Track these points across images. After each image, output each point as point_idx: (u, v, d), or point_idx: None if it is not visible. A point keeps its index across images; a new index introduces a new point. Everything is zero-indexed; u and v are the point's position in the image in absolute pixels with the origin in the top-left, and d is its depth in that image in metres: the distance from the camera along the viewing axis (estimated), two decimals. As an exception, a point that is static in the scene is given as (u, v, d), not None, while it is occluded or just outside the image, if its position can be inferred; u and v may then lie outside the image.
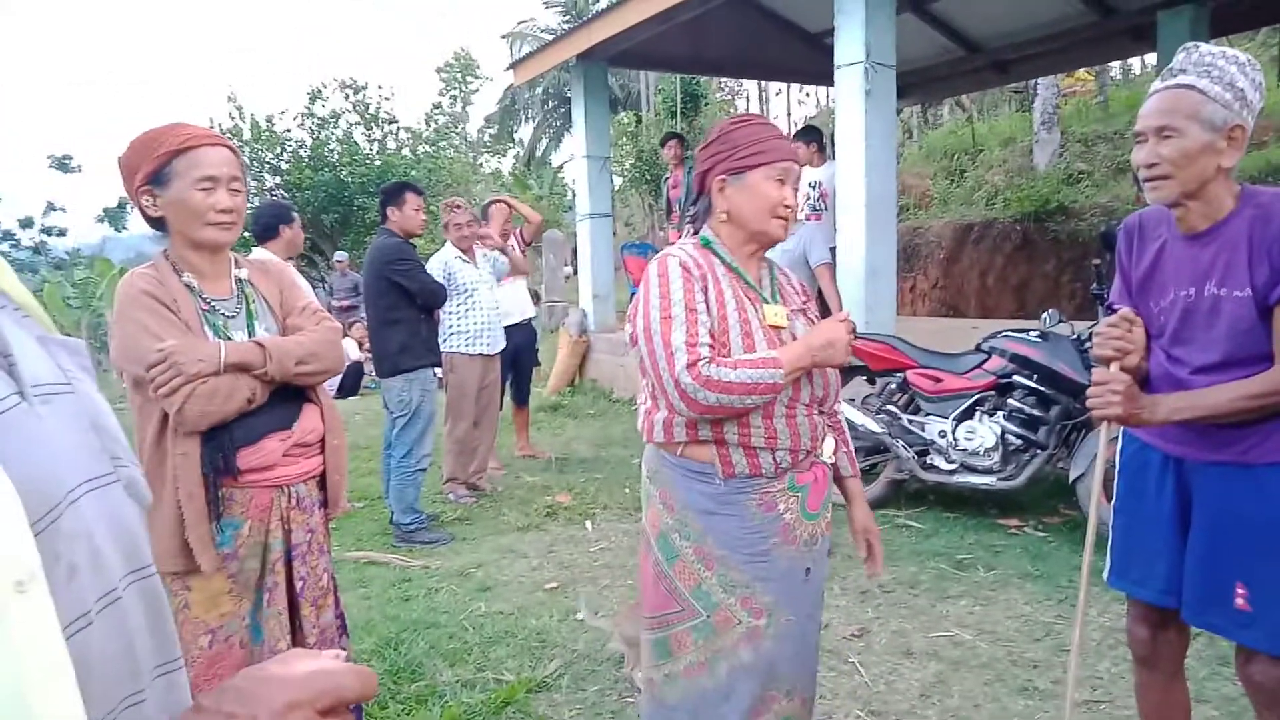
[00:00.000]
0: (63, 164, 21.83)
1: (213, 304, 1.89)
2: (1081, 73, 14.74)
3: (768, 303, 1.83)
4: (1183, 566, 1.89)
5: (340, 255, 13.45)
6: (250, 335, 1.90)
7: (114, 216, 21.73)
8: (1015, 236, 10.52)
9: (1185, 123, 1.72)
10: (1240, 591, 1.79)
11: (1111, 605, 3.20)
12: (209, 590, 1.82)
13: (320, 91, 16.19)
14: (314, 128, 16.01)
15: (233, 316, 1.92)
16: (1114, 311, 1.96)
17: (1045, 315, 4.39)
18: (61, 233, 22.07)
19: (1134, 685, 2.15)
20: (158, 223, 1.88)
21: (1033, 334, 4.38)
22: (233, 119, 15.54)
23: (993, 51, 8.96)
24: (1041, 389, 4.24)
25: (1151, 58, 9.92)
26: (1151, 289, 1.92)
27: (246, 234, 4.56)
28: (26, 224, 21.99)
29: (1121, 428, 2.00)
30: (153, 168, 1.80)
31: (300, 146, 15.84)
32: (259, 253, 4.15)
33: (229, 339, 1.85)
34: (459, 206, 5.37)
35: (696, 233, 1.91)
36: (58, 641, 0.51)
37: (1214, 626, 1.89)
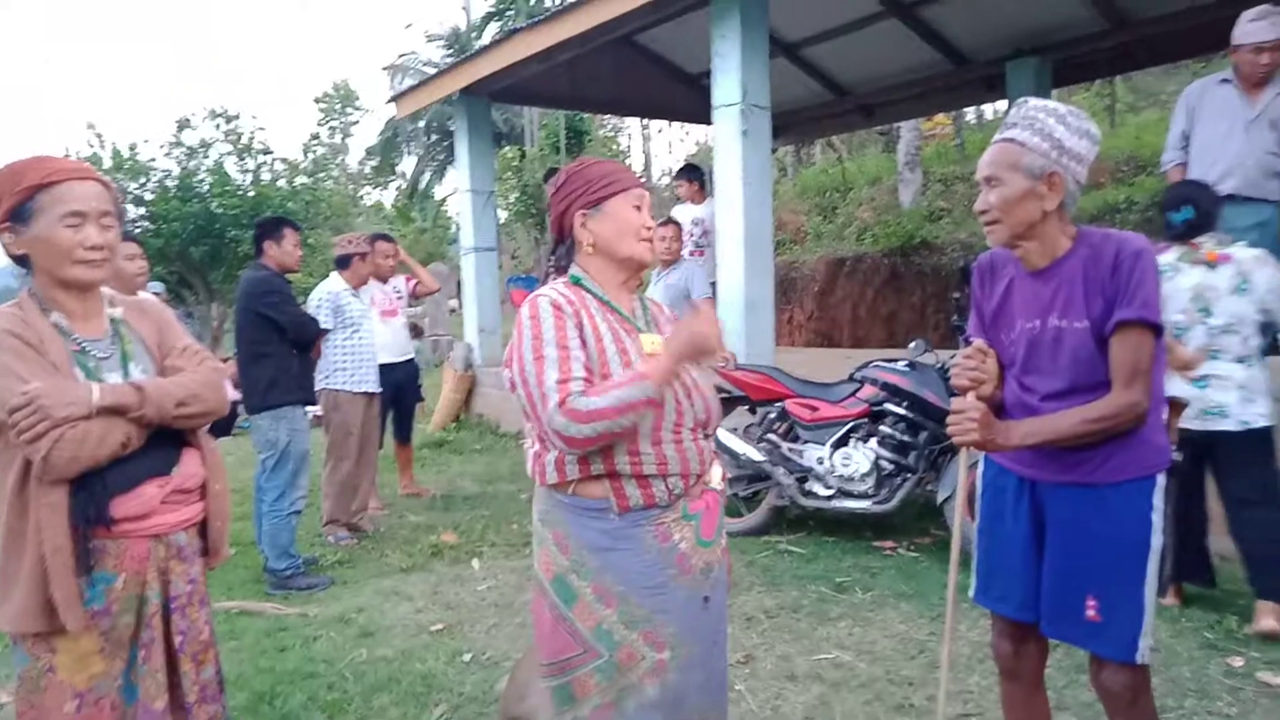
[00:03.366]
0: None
1: (84, 345, 1.79)
2: (940, 117, 15.70)
3: (643, 332, 1.86)
4: (1039, 582, 2.02)
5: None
6: (126, 377, 1.81)
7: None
8: (884, 270, 11.05)
9: (1007, 173, 1.91)
10: (1091, 603, 1.92)
11: (980, 621, 3.37)
12: (77, 651, 1.69)
13: (188, 120, 15.54)
14: (181, 157, 15.32)
15: (106, 358, 1.81)
16: (970, 343, 2.09)
17: (912, 345, 4.64)
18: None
19: (1000, 697, 2.28)
20: (20, 260, 1.78)
21: (901, 363, 4.61)
22: (91, 146, 14.71)
23: (859, 96, 9.46)
24: (911, 415, 4.46)
25: (1003, 104, 10.67)
26: (1002, 322, 2.08)
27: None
28: None
29: (981, 453, 2.13)
30: (13, 204, 1.71)
31: (166, 176, 15.11)
32: None
33: (102, 381, 1.75)
34: (364, 240, 5.38)
35: (561, 275, 1.92)
36: None
37: (1069, 637, 2.02)
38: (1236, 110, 4.25)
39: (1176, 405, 3.69)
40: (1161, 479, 1.94)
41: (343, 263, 5.28)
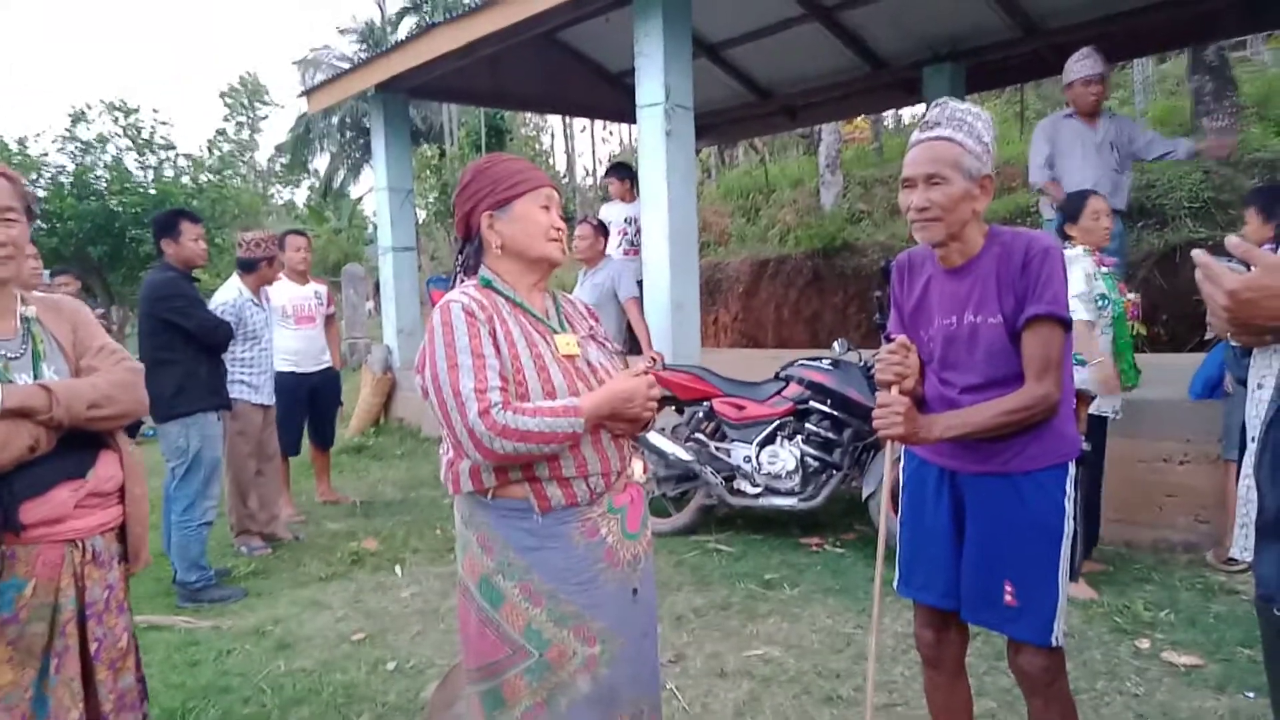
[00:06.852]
0: None
1: None
2: (859, 120, 16.05)
3: (557, 333, 1.83)
4: (960, 571, 2.07)
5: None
6: (37, 378, 1.74)
7: None
8: (806, 271, 11.22)
9: (951, 172, 1.93)
10: (1008, 589, 1.98)
11: (904, 613, 3.44)
12: None
13: (84, 113, 14.79)
14: (76, 152, 14.58)
15: (16, 358, 1.75)
16: (892, 340, 2.13)
17: (836, 344, 4.71)
18: None
19: (923, 686, 2.32)
20: None
21: (825, 362, 4.67)
22: (-24, 140, 13.90)
23: (781, 98, 9.59)
24: (835, 413, 4.53)
25: (921, 108, 10.96)
26: (921, 319, 2.12)
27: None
28: None
29: (903, 446, 2.17)
30: None
31: (60, 172, 14.36)
32: None
33: (10, 382, 1.69)
34: (271, 242, 5.09)
35: (470, 276, 1.88)
36: None
37: (988, 623, 2.07)
38: (1085, 138, 5.03)
39: (1083, 398, 3.88)
40: (1072, 468, 2.01)
41: (246, 266, 4.93)
